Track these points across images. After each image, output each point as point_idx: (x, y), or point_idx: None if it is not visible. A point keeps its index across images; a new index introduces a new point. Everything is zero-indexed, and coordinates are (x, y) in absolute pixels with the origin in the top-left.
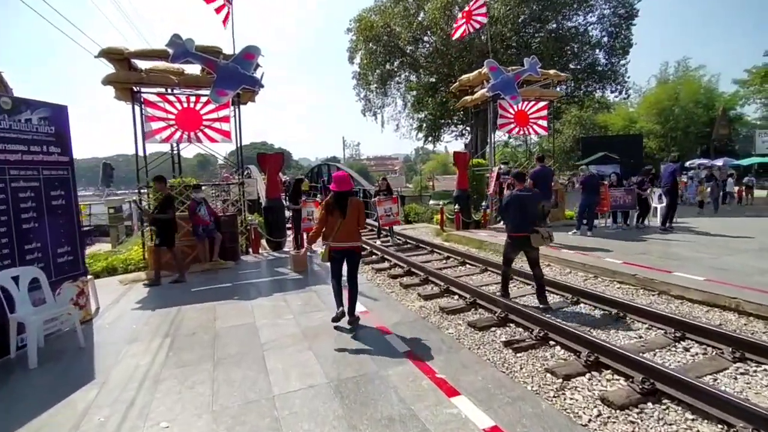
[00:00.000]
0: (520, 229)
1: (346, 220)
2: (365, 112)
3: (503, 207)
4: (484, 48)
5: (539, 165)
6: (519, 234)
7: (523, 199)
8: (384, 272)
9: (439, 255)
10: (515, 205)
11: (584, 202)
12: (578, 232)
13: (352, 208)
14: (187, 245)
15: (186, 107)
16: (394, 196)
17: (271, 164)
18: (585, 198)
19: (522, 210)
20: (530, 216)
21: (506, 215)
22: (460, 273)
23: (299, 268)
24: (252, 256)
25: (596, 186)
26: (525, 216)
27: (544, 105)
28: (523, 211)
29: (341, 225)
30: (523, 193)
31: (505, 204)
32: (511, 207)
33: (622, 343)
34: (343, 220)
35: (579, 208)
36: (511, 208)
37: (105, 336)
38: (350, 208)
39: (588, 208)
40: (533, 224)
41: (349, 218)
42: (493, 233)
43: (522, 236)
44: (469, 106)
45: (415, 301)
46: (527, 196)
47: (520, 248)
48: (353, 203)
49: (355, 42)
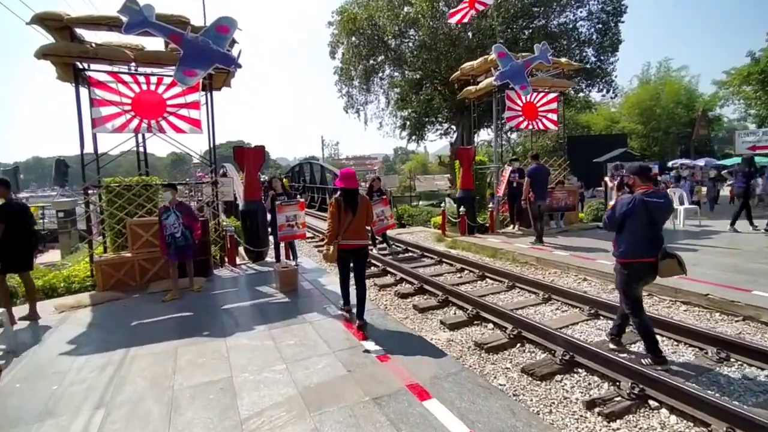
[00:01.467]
0: (646, 253)
1: (357, 218)
2: (347, 109)
3: (615, 217)
4: (471, 44)
5: (534, 163)
6: (643, 260)
7: (653, 207)
8: (390, 290)
9: (449, 266)
10: (641, 215)
11: None
12: None
13: (362, 205)
14: (145, 258)
15: (145, 90)
16: (385, 197)
17: (250, 160)
18: None
19: (651, 224)
20: (658, 233)
21: (620, 229)
22: (482, 290)
23: (287, 287)
24: (228, 270)
25: None
26: (653, 233)
27: (554, 97)
28: (653, 226)
29: (351, 223)
30: (652, 199)
31: (622, 213)
32: (634, 218)
33: None
34: (353, 218)
35: None
36: (633, 221)
37: (5, 409)
38: (360, 205)
39: None
40: (660, 244)
41: (359, 216)
42: (504, 239)
43: (647, 263)
44: (471, 98)
45: (439, 331)
46: (659, 204)
47: (643, 280)
48: (363, 200)
49: (336, 36)
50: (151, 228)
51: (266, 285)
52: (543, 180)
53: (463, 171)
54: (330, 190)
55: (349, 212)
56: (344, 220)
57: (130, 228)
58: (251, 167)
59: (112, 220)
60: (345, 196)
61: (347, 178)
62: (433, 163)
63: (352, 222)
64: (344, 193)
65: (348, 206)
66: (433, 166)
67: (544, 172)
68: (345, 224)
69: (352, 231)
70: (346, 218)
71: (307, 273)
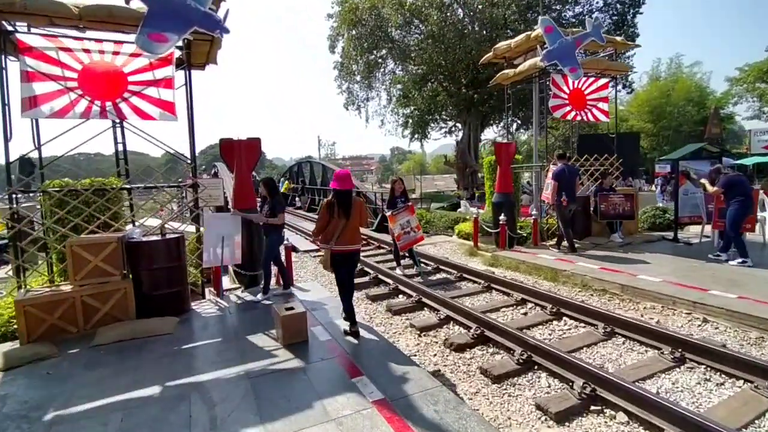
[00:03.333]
0: None
1: (351, 222)
2: (348, 105)
3: None
4: (481, 36)
5: (560, 163)
6: None
7: None
8: (434, 335)
9: (504, 295)
10: None
11: (734, 213)
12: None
13: (356, 208)
14: (93, 293)
15: (98, 61)
16: (411, 204)
17: (241, 155)
18: (735, 207)
19: None
20: None
21: None
22: (570, 338)
23: (293, 337)
24: (211, 302)
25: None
26: None
27: (605, 83)
28: None
29: (345, 227)
30: None
31: None
32: None
33: None
34: (347, 222)
35: (728, 220)
36: None
37: None
38: (354, 208)
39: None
40: None
41: (353, 219)
42: (557, 254)
43: None
44: (505, 85)
45: (543, 427)
46: None
47: None
48: (356, 203)
49: (337, 28)
50: (104, 249)
51: (262, 332)
52: (571, 182)
53: (501, 170)
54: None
55: (343, 216)
56: (337, 224)
57: (70, 250)
58: (243, 165)
59: (53, 237)
60: (339, 199)
61: (342, 179)
62: (430, 164)
63: (347, 226)
64: (338, 196)
65: (341, 209)
66: (431, 166)
67: (572, 173)
68: (339, 228)
69: (346, 235)
70: (340, 222)
71: (316, 308)
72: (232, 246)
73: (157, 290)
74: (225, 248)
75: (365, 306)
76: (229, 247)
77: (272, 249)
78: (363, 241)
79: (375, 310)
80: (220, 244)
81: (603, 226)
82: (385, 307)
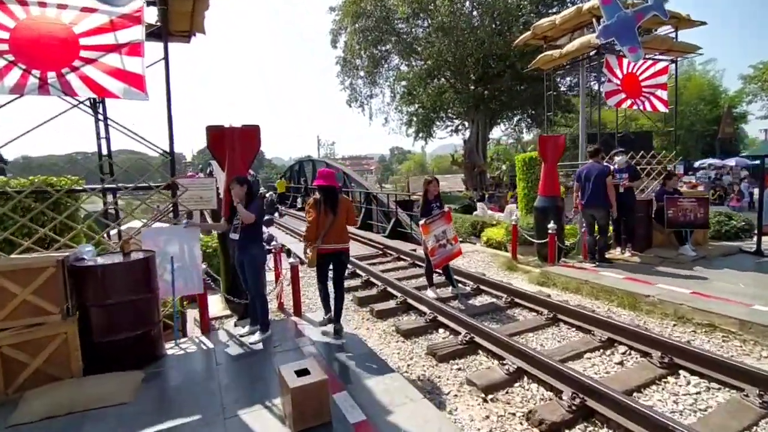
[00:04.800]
0: None
1: (338, 219)
2: (351, 102)
3: None
4: (491, 30)
5: (591, 161)
6: None
7: None
8: (505, 400)
9: (580, 332)
10: None
11: None
12: None
13: (343, 205)
14: (19, 342)
15: (38, 17)
16: (447, 211)
17: (235, 147)
18: None
19: None
20: None
21: None
22: (717, 415)
23: (310, 420)
24: (193, 342)
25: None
26: None
27: (665, 67)
28: None
29: (332, 224)
30: None
31: None
32: None
33: None
34: (334, 218)
35: None
36: None
37: None
38: (341, 204)
39: None
40: None
41: (340, 216)
42: (619, 271)
43: None
44: (546, 70)
45: None
46: None
47: None
48: (343, 200)
49: (339, 21)
50: (36, 277)
51: (262, 403)
52: (596, 183)
53: (546, 169)
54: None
55: (330, 213)
56: (324, 222)
57: None
58: (237, 159)
59: None
60: (325, 195)
61: (326, 176)
62: (431, 164)
63: (333, 223)
64: (324, 192)
65: (328, 206)
66: (432, 166)
67: (600, 173)
68: (325, 226)
69: (332, 233)
70: (327, 219)
71: (337, 353)
72: (189, 269)
73: (114, 334)
74: (176, 273)
75: (398, 345)
76: (183, 272)
77: (259, 270)
78: (377, 249)
79: (412, 352)
80: (168, 267)
81: (667, 236)
82: (425, 349)
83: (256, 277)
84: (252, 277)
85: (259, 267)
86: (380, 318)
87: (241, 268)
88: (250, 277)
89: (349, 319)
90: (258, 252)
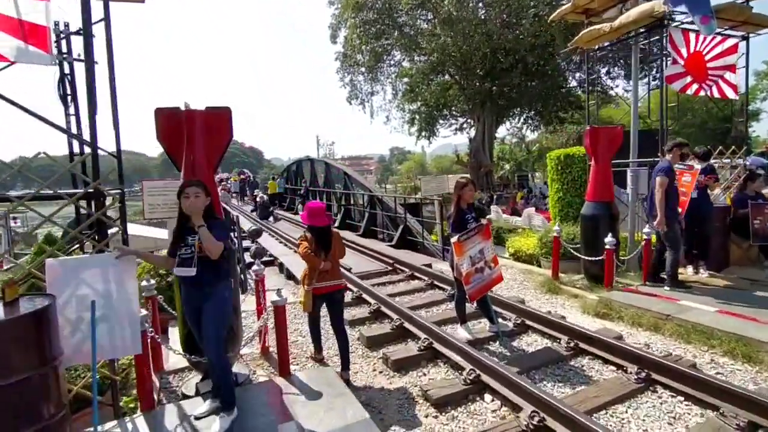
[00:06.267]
0: None
1: (331, 257)
2: (351, 99)
3: None
4: (502, 21)
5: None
6: None
7: None
8: None
9: (701, 407)
10: None
11: None
12: None
13: (336, 242)
14: None
15: None
16: (486, 223)
17: (194, 137)
18: None
19: None
20: None
21: None
22: None
23: None
24: (126, 427)
25: None
26: None
27: (734, 45)
28: None
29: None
30: None
31: None
32: None
33: None
34: (325, 259)
35: None
36: None
37: None
38: (334, 243)
39: None
40: None
41: (333, 255)
42: (703, 300)
43: None
44: (587, 49)
45: None
46: None
47: None
48: (335, 236)
49: (340, 15)
50: None
51: None
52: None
53: (597, 168)
54: (338, 195)
55: (321, 253)
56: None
57: None
58: (198, 154)
59: None
60: (317, 237)
61: (316, 215)
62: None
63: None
64: (315, 233)
65: (320, 246)
66: (432, 166)
67: (665, 172)
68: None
69: (326, 272)
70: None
71: None
72: (120, 319)
73: None
74: (99, 327)
75: (429, 423)
76: (109, 324)
77: (223, 321)
78: (386, 264)
79: None
80: (87, 317)
81: (745, 252)
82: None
83: (218, 333)
84: (213, 334)
85: (223, 317)
86: (398, 371)
87: (195, 319)
88: (209, 332)
89: (356, 370)
90: (224, 295)
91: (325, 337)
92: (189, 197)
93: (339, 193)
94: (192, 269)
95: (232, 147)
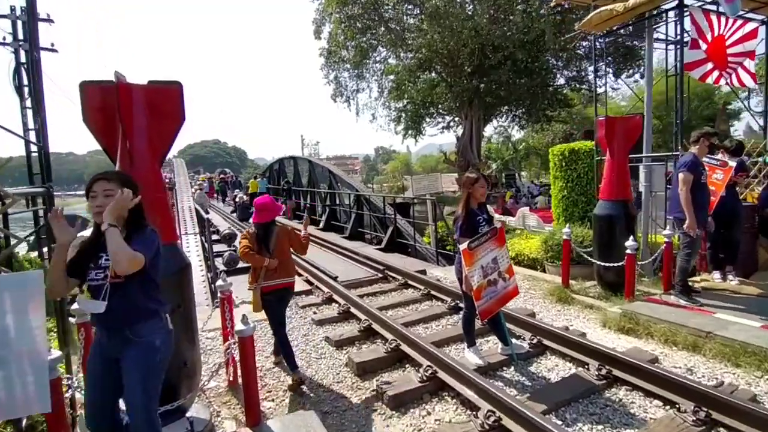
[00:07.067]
0: None
1: (276, 253)
2: (336, 97)
3: None
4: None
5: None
6: None
7: None
8: None
9: None
10: None
11: None
12: None
13: (280, 239)
14: None
15: None
16: (500, 227)
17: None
18: None
19: None
20: None
21: None
22: None
23: None
24: None
25: None
26: None
27: (754, 29)
28: None
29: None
30: None
31: None
32: None
33: None
34: (270, 256)
35: None
36: None
37: None
38: (277, 239)
39: None
40: None
41: (278, 251)
42: (742, 314)
43: None
44: (597, 32)
45: None
46: None
47: None
48: (280, 233)
49: (323, 9)
50: None
51: None
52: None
53: (613, 163)
54: (322, 195)
55: (265, 251)
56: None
57: None
58: (138, 142)
59: None
60: (257, 232)
61: (260, 210)
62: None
63: (271, 260)
64: (259, 229)
65: (262, 243)
66: (417, 165)
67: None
68: None
69: (273, 270)
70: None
71: None
72: (21, 364)
73: None
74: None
75: None
76: (6, 371)
77: (151, 378)
78: (376, 271)
79: None
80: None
81: None
82: None
83: (146, 395)
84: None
85: (152, 372)
86: (397, 408)
87: (108, 376)
88: (134, 393)
89: (345, 407)
90: (152, 342)
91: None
92: (97, 196)
93: (324, 193)
94: (100, 303)
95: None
